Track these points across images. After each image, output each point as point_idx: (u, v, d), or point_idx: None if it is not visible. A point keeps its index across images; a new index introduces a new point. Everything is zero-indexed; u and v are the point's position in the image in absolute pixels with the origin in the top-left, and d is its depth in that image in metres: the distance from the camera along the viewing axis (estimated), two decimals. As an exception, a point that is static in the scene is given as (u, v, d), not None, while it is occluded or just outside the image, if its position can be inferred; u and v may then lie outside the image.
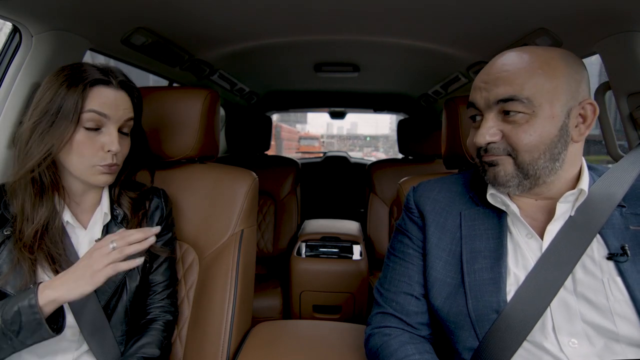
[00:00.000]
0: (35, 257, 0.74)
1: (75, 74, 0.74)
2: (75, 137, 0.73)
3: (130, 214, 0.85)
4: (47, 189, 0.76)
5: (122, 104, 0.78)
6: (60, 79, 0.73)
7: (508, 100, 0.64)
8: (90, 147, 0.75)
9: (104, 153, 0.76)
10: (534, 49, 0.66)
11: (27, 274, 0.72)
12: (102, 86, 0.76)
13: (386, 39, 1.39)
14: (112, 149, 0.76)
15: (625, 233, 0.65)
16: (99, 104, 0.74)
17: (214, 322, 0.92)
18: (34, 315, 0.64)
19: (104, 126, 0.76)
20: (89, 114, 0.73)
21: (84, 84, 0.73)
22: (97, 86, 0.75)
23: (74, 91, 0.72)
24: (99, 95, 0.75)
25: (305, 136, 20.96)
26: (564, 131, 0.64)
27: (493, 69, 0.67)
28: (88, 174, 0.77)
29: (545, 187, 0.68)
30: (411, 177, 1.15)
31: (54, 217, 0.76)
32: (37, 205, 0.75)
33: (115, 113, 0.76)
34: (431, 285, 0.74)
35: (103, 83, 0.76)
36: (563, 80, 0.63)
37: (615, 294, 0.62)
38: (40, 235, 0.75)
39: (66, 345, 0.78)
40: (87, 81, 0.73)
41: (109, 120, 0.76)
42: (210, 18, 1.18)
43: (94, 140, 0.75)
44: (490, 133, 0.66)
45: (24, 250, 0.73)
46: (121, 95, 0.78)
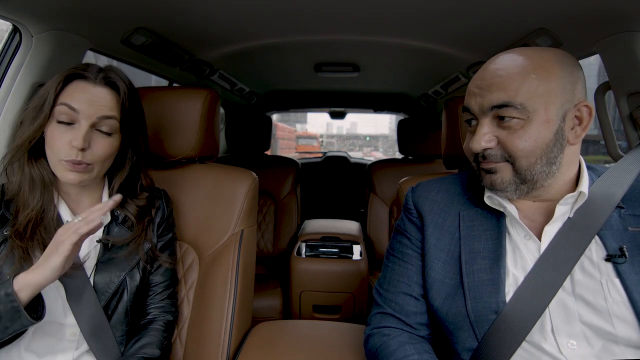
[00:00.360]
0: (26, 244, 0.74)
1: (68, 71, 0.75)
2: (47, 130, 0.74)
3: (135, 219, 0.85)
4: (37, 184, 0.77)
5: (99, 101, 0.75)
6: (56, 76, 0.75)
7: (502, 106, 0.63)
8: (59, 141, 0.74)
9: (69, 148, 0.74)
10: (528, 51, 0.66)
11: (17, 262, 0.72)
12: (80, 80, 0.75)
13: (386, 39, 1.39)
14: (74, 144, 0.73)
15: (624, 234, 0.65)
16: (72, 98, 0.74)
17: (214, 322, 0.92)
18: (11, 303, 0.64)
19: (76, 122, 0.74)
20: (61, 107, 0.73)
21: (64, 76, 0.74)
22: (75, 80, 0.75)
23: (53, 84, 0.73)
24: (74, 90, 0.74)
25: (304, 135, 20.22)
26: (560, 135, 0.64)
27: (486, 73, 0.66)
28: (57, 169, 0.76)
29: (543, 190, 0.68)
30: (411, 177, 1.15)
31: (49, 207, 0.77)
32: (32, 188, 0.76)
33: (87, 108, 0.74)
34: (430, 286, 0.74)
35: (81, 77, 0.75)
36: (557, 83, 0.63)
37: (614, 295, 0.62)
38: (34, 224, 0.75)
39: (66, 345, 0.78)
40: (66, 75, 0.74)
41: (79, 115, 0.74)
42: (210, 18, 1.18)
43: (63, 134, 0.74)
44: (485, 139, 0.66)
45: (15, 238, 0.73)
46: (101, 91, 0.76)
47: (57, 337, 0.77)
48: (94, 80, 0.76)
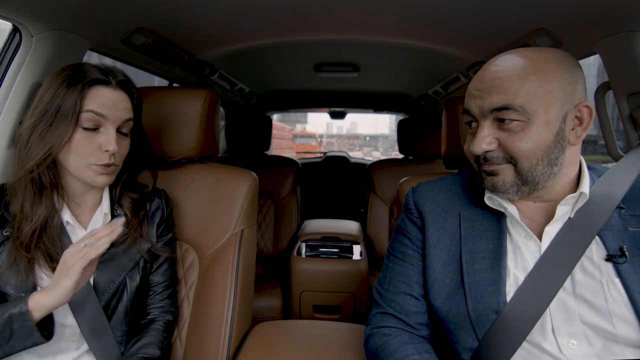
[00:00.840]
0: (32, 255, 0.74)
1: (75, 74, 0.74)
2: (74, 137, 0.74)
3: (130, 214, 0.85)
4: (47, 188, 0.76)
5: (120, 104, 0.78)
6: (60, 79, 0.74)
7: (502, 109, 0.63)
8: (87, 147, 0.75)
9: (101, 153, 0.76)
10: (528, 52, 0.66)
11: (23, 272, 0.73)
12: (101, 86, 0.76)
13: (386, 39, 1.39)
14: (109, 149, 0.75)
15: (624, 234, 0.65)
16: (97, 104, 0.74)
17: (214, 322, 0.92)
18: (25, 322, 0.65)
19: (102, 126, 0.76)
20: (87, 114, 0.73)
21: (83, 83, 0.73)
22: (96, 86, 0.75)
23: (73, 91, 0.72)
24: (98, 96, 0.75)
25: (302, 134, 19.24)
26: (560, 136, 0.64)
27: (486, 75, 0.66)
28: (86, 174, 0.77)
29: (545, 191, 0.68)
30: (411, 178, 1.15)
31: (52, 216, 0.77)
32: (36, 204, 0.75)
33: (113, 113, 0.76)
34: (431, 286, 0.74)
35: (102, 83, 0.76)
36: (557, 84, 0.63)
37: (614, 295, 0.62)
38: (39, 234, 0.75)
39: (66, 345, 0.78)
40: (86, 81, 0.74)
41: (107, 120, 0.76)
42: (210, 18, 1.18)
43: (91, 140, 0.75)
44: (486, 142, 0.66)
45: (20, 249, 0.73)
46: (120, 95, 0.78)
47: (57, 337, 0.77)
48: (114, 86, 0.77)
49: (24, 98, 1.01)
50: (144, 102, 0.87)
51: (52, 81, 0.75)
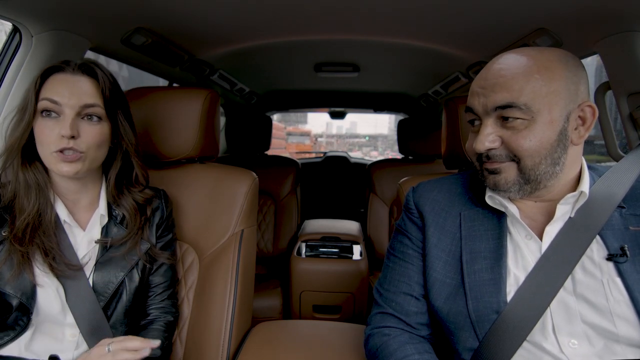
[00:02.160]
0: (26, 249, 0.74)
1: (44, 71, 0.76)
2: (35, 126, 0.75)
3: (130, 216, 0.85)
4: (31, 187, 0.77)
5: (79, 90, 0.76)
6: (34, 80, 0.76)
7: (506, 107, 0.63)
8: (48, 135, 0.74)
9: (59, 139, 0.74)
10: (532, 51, 0.66)
11: (17, 266, 0.73)
12: (58, 73, 0.76)
13: (386, 39, 1.39)
14: (63, 133, 0.73)
15: (625, 234, 0.65)
16: (52, 92, 0.74)
17: (214, 322, 0.92)
18: None
19: (62, 113, 0.75)
20: (43, 102, 0.74)
21: (41, 73, 0.75)
22: (53, 75, 0.76)
23: (33, 84, 0.75)
24: (54, 83, 0.75)
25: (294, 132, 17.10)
26: (563, 135, 0.64)
27: (490, 73, 0.66)
28: (51, 163, 0.76)
29: (545, 191, 0.68)
30: (411, 177, 1.15)
31: (45, 210, 0.76)
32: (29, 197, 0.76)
33: (69, 98, 0.74)
34: (431, 286, 0.74)
35: (57, 70, 0.76)
36: (561, 84, 0.63)
37: (615, 294, 0.62)
38: (33, 228, 0.75)
39: (66, 345, 0.78)
40: (42, 71, 0.75)
41: (62, 106, 0.74)
42: (210, 18, 1.18)
43: (52, 127, 0.74)
44: (489, 140, 0.65)
45: (14, 242, 0.73)
46: (79, 80, 0.76)
47: (56, 337, 0.77)
48: (72, 71, 0.77)
49: (24, 98, 1.01)
50: (143, 102, 0.87)
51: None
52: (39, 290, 0.75)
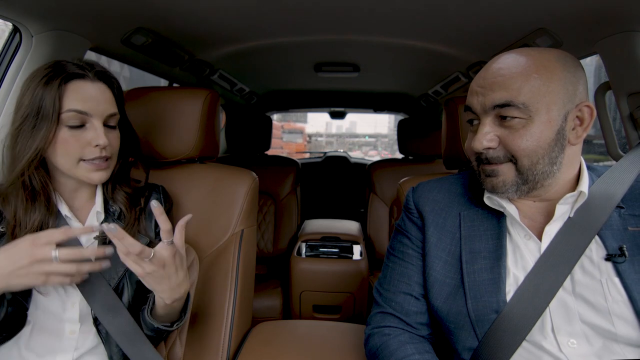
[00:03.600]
0: None
1: (50, 72, 0.72)
2: (59, 136, 0.72)
3: (126, 209, 0.84)
4: (39, 193, 0.74)
5: (102, 98, 0.76)
6: (37, 79, 0.71)
7: (504, 105, 0.63)
8: (75, 144, 0.73)
9: (91, 148, 0.74)
10: (531, 51, 0.66)
11: None
12: (79, 80, 0.73)
13: (386, 39, 1.39)
14: (99, 143, 0.74)
15: (624, 234, 0.66)
16: (77, 102, 0.72)
17: (214, 322, 0.92)
18: None
19: (88, 122, 0.74)
20: (69, 113, 0.72)
21: (59, 80, 0.71)
22: (73, 81, 0.73)
23: (50, 89, 0.70)
24: (76, 92, 0.73)
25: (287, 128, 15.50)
26: (561, 135, 0.64)
27: (489, 73, 0.66)
28: (78, 172, 0.75)
29: (544, 190, 0.68)
30: (411, 178, 1.15)
31: (47, 222, 0.75)
32: (29, 210, 0.73)
33: (96, 108, 0.74)
34: (431, 286, 0.74)
35: (78, 77, 0.74)
36: (560, 84, 0.63)
37: (614, 294, 0.62)
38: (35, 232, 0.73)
39: (66, 343, 0.77)
40: (62, 77, 0.72)
41: (91, 117, 0.74)
42: (210, 18, 1.18)
43: (79, 137, 0.73)
44: (487, 138, 0.66)
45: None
46: (100, 87, 0.76)
47: (56, 335, 0.77)
48: (91, 78, 0.75)
49: (24, 98, 1.01)
50: (143, 102, 0.87)
51: (29, 82, 0.72)
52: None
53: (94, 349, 0.80)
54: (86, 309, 0.78)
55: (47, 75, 0.72)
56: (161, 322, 0.78)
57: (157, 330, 0.79)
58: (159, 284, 0.70)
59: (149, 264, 0.67)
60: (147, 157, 1.01)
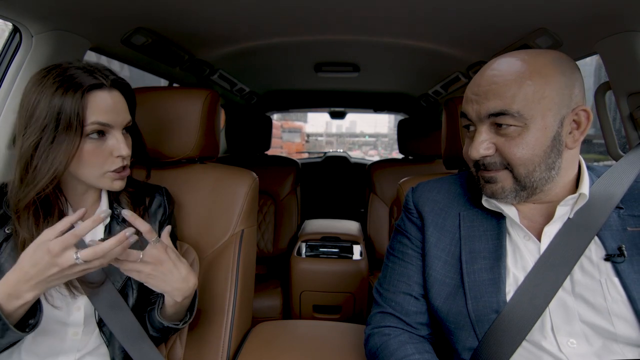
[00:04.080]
0: None
1: (63, 80, 0.69)
2: (83, 149, 0.71)
3: (130, 208, 0.84)
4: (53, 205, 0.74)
5: (120, 107, 0.76)
6: (48, 88, 0.69)
7: (499, 114, 0.63)
8: (99, 155, 0.73)
9: (113, 158, 0.75)
10: (526, 55, 0.65)
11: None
12: (97, 91, 0.72)
13: (386, 39, 1.39)
14: (122, 154, 0.75)
15: (623, 234, 0.66)
16: (99, 114, 0.71)
17: (214, 322, 0.92)
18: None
19: (109, 132, 0.74)
20: (93, 126, 0.71)
21: (80, 92, 0.69)
22: (93, 92, 0.71)
23: (70, 101, 0.68)
24: (97, 103, 0.71)
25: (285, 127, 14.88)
26: (557, 140, 0.64)
27: (483, 80, 0.66)
28: (103, 182, 0.76)
29: (543, 194, 0.68)
30: (411, 178, 1.15)
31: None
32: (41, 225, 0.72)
33: (116, 119, 0.74)
34: (430, 286, 0.74)
35: (96, 87, 0.72)
36: (555, 88, 0.62)
37: (613, 294, 0.62)
38: None
39: (68, 345, 0.77)
40: (82, 89, 0.69)
41: (112, 128, 0.74)
42: (210, 18, 1.18)
43: (101, 148, 0.73)
44: (483, 147, 0.66)
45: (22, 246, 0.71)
46: (117, 96, 0.76)
47: (59, 337, 0.77)
48: (108, 88, 0.74)
49: (24, 98, 1.01)
50: (143, 102, 0.87)
51: (38, 90, 0.69)
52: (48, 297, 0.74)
53: (95, 350, 0.80)
54: (90, 312, 0.78)
55: (61, 85, 0.69)
56: (170, 321, 0.78)
57: (165, 329, 0.79)
58: (164, 282, 0.71)
59: (144, 265, 0.67)
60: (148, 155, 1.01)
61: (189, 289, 0.74)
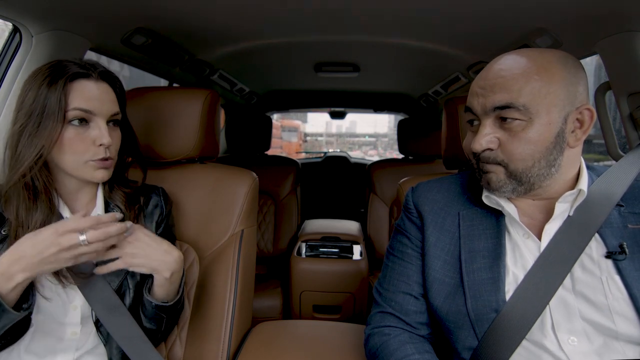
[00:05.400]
0: None
1: (54, 71, 0.72)
2: (64, 135, 0.72)
3: (125, 209, 0.84)
4: (41, 192, 0.74)
5: (106, 97, 0.76)
6: (40, 78, 0.71)
7: (505, 107, 0.63)
8: (81, 143, 0.74)
9: (96, 147, 0.75)
10: (532, 53, 0.66)
11: None
12: (83, 80, 0.74)
13: (386, 39, 1.39)
14: (103, 142, 0.74)
15: (624, 232, 0.66)
16: (82, 101, 0.72)
17: (214, 322, 0.92)
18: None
19: (92, 121, 0.75)
20: (74, 112, 0.72)
21: (65, 79, 0.71)
22: (78, 80, 0.73)
23: (55, 88, 0.70)
24: (81, 90, 0.73)
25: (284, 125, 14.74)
26: (560, 137, 0.64)
27: (490, 74, 0.66)
28: (84, 171, 0.76)
29: (542, 190, 0.68)
30: (411, 178, 1.15)
31: (49, 220, 0.74)
32: (31, 209, 0.73)
33: (100, 108, 0.75)
34: (430, 285, 0.74)
35: (83, 76, 0.74)
36: (560, 85, 0.63)
37: (614, 292, 0.62)
38: None
39: (67, 344, 0.77)
40: (67, 76, 0.72)
41: (95, 116, 0.74)
42: (210, 18, 1.19)
43: (83, 135, 0.74)
44: (486, 140, 0.66)
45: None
46: (104, 87, 0.76)
47: (57, 337, 0.77)
48: (95, 78, 0.75)
49: (24, 98, 1.01)
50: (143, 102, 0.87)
51: (32, 81, 0.72)
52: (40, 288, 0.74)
53: (94, 349, 0.80)
54: (87, 311, 0.78)
55: (50, 75, 0.71)
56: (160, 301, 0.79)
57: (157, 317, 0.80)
58: (148, 258, 0.73)
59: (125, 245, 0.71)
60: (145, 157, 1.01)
61: (174, 260, 0.76)
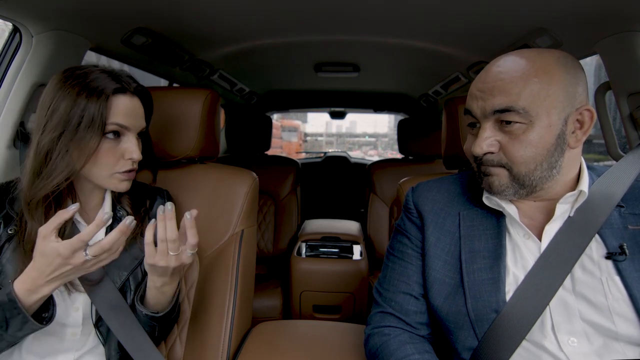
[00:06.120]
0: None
1: (90, 83, 0.73)
2: (100, 148, 0.74)
3: (131, 211, 0.85)
4: (65, 199, 0.76)
5: (139, 112, 0.79)
6: (74, 87, 0.72)
7: (504, 111, 0.63)
8: (112, 156, 0.75)
9: (124, 160, 0.77)
10: (531, 53, 0.66)
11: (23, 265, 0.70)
12: (120, 95, 0.76)
13: (386, 39, 1.39)
14: (133, 157, 0.77)
15: (624, 232, 0.66)
16: (120, 116, 0.75)
17: (214, 322, 0.92)
18: (16, 310, 0.63)
19: (124, 135, 0.77)
20: (112, 126, 0.74)
21: (106, 94, 0.73)
22: (116, 95, 0.75)
23: (95, 102, 0.71)
24: (119, 106, 0.75)
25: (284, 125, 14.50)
26: (561, 139, 0.64)
27: (488, 76, 0.66)
28: (109, 181, 0.77)
29: (543, 192, 0.68)
30: (411, 178, 1.15)
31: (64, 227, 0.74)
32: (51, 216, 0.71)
33: (134, 123, 0.77)
34: (430, 285, 0.74)
35: (121, 92, 0.76)
36: (560, 87, 0.63)
37: (614, 292, 0.62)
38: None
39: (67, 345, 0.78)
40: (108, 90, 0.73)
41: (128, 131, 0.77)
42: (210, 18, 1.19)
43: (115, 149, 0.76)
44: (487, 143, 0.65)
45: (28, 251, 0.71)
46: (136, 103, 0.79)
47: (58, 338, 0.77)
48: (131, 93, 0.78)
49: (24, 98, 1.01)
50: None
51: (60, 88, 0.72)
52: None
53: (93, 349, 0.80)
54: (88, 312, 0.78)
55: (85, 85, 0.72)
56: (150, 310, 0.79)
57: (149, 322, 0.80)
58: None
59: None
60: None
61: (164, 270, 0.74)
